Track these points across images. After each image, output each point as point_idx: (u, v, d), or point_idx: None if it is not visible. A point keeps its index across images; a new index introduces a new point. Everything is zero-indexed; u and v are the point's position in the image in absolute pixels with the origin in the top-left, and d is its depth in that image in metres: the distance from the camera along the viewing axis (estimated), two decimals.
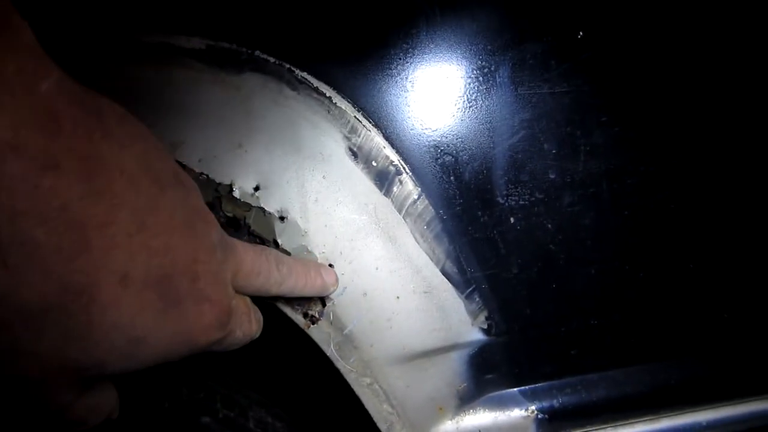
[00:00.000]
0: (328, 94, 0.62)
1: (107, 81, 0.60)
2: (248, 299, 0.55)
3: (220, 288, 0.48)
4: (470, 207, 0.66)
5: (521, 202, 0.66)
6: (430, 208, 0.65)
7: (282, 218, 0.63)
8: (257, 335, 0.57)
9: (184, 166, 0.61)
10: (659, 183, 0.68)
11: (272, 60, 0.61)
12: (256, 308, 0.58)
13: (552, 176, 0.66)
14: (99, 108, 0.39)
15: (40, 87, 0.34)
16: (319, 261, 0.64)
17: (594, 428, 0.79)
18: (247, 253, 0.53)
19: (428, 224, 0.66)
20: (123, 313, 0.39)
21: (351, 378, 0.69)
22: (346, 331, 0.67)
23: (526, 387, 0.77)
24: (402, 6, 0.61)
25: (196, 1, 0.60)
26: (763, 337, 0.80)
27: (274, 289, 0.57)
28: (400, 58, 0.62)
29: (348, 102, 0.62)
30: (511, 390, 0.77)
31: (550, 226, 0.68)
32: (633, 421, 0.79)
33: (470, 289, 0.68)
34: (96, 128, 0.37)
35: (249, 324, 0.55)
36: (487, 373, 0.75)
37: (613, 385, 0.78)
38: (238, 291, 0.53)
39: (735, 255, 0.74)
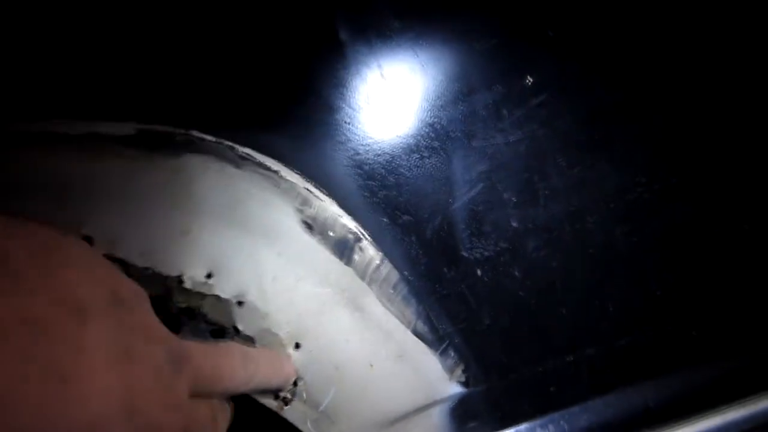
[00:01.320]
0: (274, 168, 0.58)
1: (28, 178, 0.55)
2: (210, 402, 0.52)
3: (172, 412, 0.44)
4: (435, 265, 0.64)
5: (486, 254, 0.64)
6: (395, 271, 0.63)
7: (240, 303, 0.59)
8: (226, 429, 0.54)
9: (126, 264, 0.57)
10: (620, 217, 0.67)
11: (210, 138, 0.57)
12: (224, 403, 0.55)
13: (514, 224, 0.65)
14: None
15: None
16: (284, 341, 0.61)
17: None
18: (206, 359, 0.50)
19: (394, 287, 0.63)
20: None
21: None
22: (321, 408, 0.64)
23: (510, 429, 0.76)
24: (343, 69, 0.58)
25: (121, 85, 0.56)
26: (734, 347, 0.81)
27: (242, 389, 0.53)
28: (346, 122, 0.59)
29: (297, 173, 0.59)
30: None
31: (517, 273, 0.66)
32: None
33: (444, 345, 0.66)
34: None
35: (215, 428, 0.51)
36: (469, 422, 0.74)
37: (595, 413, 0.78)
38: (201, 397, 0.49)
39: (703, 281, 0.75)
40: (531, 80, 0.62)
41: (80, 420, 0.36)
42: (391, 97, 0.59)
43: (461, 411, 0.72)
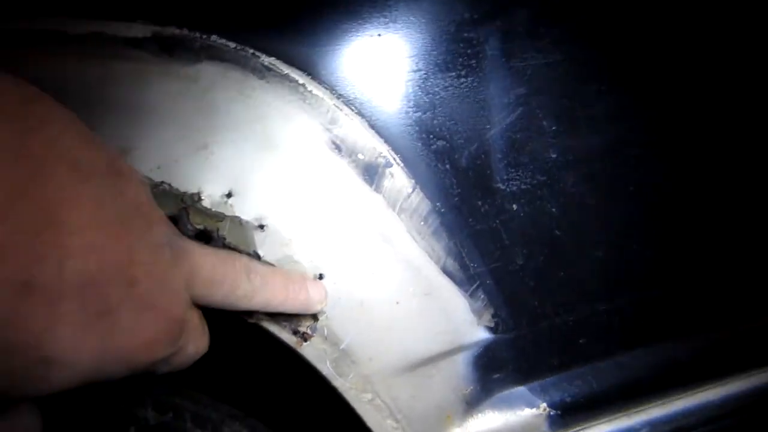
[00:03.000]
0: (301, 81, 0.54)
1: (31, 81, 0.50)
2: (200, 312, 0.48)
3: (168, 295, 0.41)
4: (469, 196, 0.59)
5: (523, 187, 0.60)
6: (426, 201, 0.58)
7: (261, 226, 0.55)
8: (205, 351, 0.49)
9: None
10: (666, 153, 0.63)
11: (232, 45, 0.53)
12: (205, 326, 0.50)
13: (553, 155, 0.60)
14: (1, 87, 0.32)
15: None
16: (307, 270, 0.56)
17: (606, 419, 0.74)
18: (205, 258, 0.46)
19: (425, 219, 0.59)
20: (25, 329, 0.32)
21: (351, 395, 0.62)
22: (342, 346, 0.60)
23: (535, 383, 0.72)
24: None
25: None
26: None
27: (243, 303, 0.49)
28: (379, 35, 0.55)
29: (325, 88, 0.55)
30: (520, 388, 0.72)
31: (554, 209, 0.62)
32: (646, 406, 0.75)
33: (474, 286, 0.62)
34: None
35: (202, 338, 0.47)
36: (494, 373, 0.69)
37: (624, 370, 0.74)
38: (195, 302, 0.46)
39: (745, 230, 0.71)
40: None
41: (77, 272, 0.33)
42: (427, 8, 0.55)
43: (486, 360, 0.68)
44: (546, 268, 0.64)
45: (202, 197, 0.53)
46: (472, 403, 0.70)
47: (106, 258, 0.35)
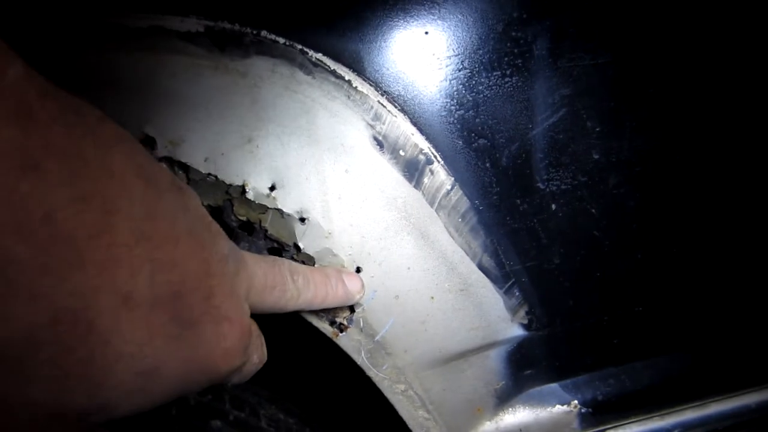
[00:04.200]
0: (347, 78, 0.55)
1: (87, 73, 0.52)
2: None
3: (237, 305, 0.42)
4: (508, 195, 0.59)
5: (563, 187, 0.60)
6: (465, 198, 0.59)
7: (302, 219, 0.56)
8: (265, 360, 0.51)
9: (188, 167, 0.54)
10: (709, 159, 0.62)
11: (281, 41, 0.53)
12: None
13: (596, 156, 0.60)
14: (76, 104, 0.32)
15: (5, 75, 0.27)
16: (345, 264, 0.58)
17: (639, 419, 0.74)
18: (258, 266, 0.47)
19: (463, 216, 0.59)
20: (129, 341, 0.33)
21: (384, 386, 0.64)
22: (377, 338, 0.61)
23: (567, 380, 0.72)
24: None
25: None
26: None
27: (291, 304, 0.50)
28: (426, 33, 0.55)
29: (370, 85, 0.55)
30: (552, 385, 0.72)
31: (594, 210, 0.62)
32: (679, 408, 0.75)
33: (509, 283, 0.63)
34: (76, 123, 0.31)
35: (263, 347, 0.49)
36: (526, 369, 0.70)
37: (658, 371, 0.74)
38: (251, 309, 0.47)
39: None
40: None
41: (166, 284, 0.34)
42: (475, 6, 0.55)
43: (519, 356, 0.69)
44: (583, 268, 0.64)
45: (247, 189, 0.55)
46: (503, 398, 0.71)
47: (187, 271, 0.36)
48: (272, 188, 0.55)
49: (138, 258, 0.33)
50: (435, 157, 0.57)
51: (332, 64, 0.54)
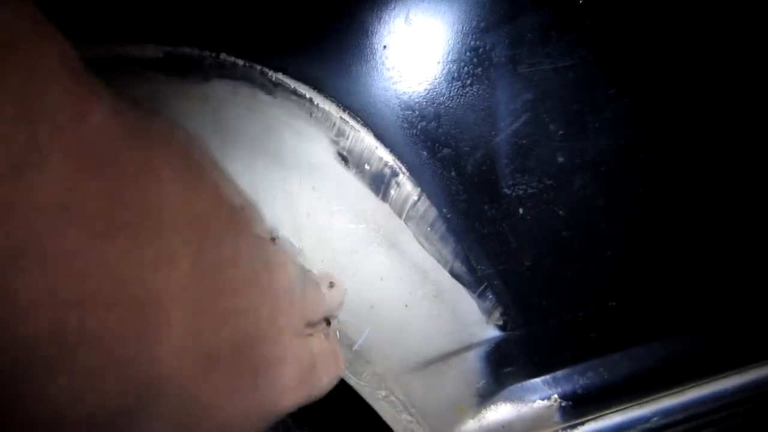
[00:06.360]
0: (308, 95, 0.55)
1: None
2: (332, 331, 0.49)
3: (301, 340, 0.41)
4: (475, 202, 0.60)
5: (529, 191, 0.61)
6: (433, 208, 0.60)
7: (273, 239, 0.57)
8: (342, 372, 0.51)
9: None
10: (673, 155, 0.63)
11: (241, 63, 0.54)
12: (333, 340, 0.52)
13: (560, 159, 0.61)
14: (162, 134, 0.31)
15: (91, 119, 0.25)
16: (318, 279, 0.59)
17: (619, 408, 0.76)
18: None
19: (432, 225, 0.60)
20: (212, 401, 0.32)
21: (366, 392, 0.65)
22: (355, 347, 0.62)
23: (547, 376, 0.74)
24: None
25: (143, 4, 0.52)
26: None
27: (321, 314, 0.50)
28: (383, 46, 0.55)
29: (331, 102, 0.56)
30: (532, 380, 0.74)
31: (561, 212, 0.63)
32: (658, 395, 0.76)
33: (482, 287, 0.64)
34: (161, 166, 0.29)
35: (336, 364, 0.49)
36: (506, 367, 0.71)
37: (636, 361, 0.75)
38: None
39: (754, 227, 0.70)
40: (582, 0, 0.57)
41: (241, 333, 0.33)
42: (432, 19, 0.55)
43: (497, 355, 0.70)
44: (554, 268, 0.65)
45: None
46: (485, 396, 0.73)
47: (260, 316, 0.35)
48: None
49: (217, 312, 0.31)
50: (400, 169, 0.58)
51: (292, 83, 0.55)
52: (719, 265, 0.71)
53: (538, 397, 0.75)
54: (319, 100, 0.55)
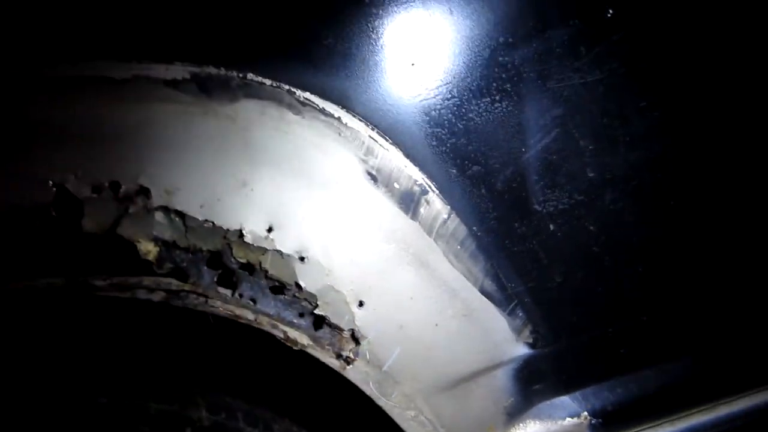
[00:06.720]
0: (336, 115, 0.55)
1: (78, 128, 0.52)
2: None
3: None
4: (505, 219, 0.59)
5: (560, 207, 0.60)
6: (463, 226, 0.59)
7: (302, 258, 0.56)
8: None
9: (184, 215, 0.54)
10: (706, 169, 0.62)
11: (269, 82, 0.53)
12: None
13: (591, 174, 0.60)
14: None
15: None
16: (347, 299, 0.58)
17: (650, 425, 0.75)
18: None
19: (462, 243, 0.59)
20: None
21: (394, 413, 0.64)
22: (384, 368, 0.61)
23: (576, 392, 0.72)
24: (407, 3, 0.53)
25: (169, 22, 0.52)
26: None
27: None
28: (412, 65, 0.55)
29: (360, 121, 0.55)
30: (561, 397, 0.72)
31: (592, 227, 0.62)
32: (689, 412, 0.75)
33: (513, 304, 0.63)
34: None
35: None
36: (535, 384, 0.70)
37: (667, 377, 0.74)
38: None
39: None
40: (612, 12, 0.56)
41: None
42: (460, 35, 0.54)
43: (526, 373, 0.69)
44: (585, 284, 0.64)
45: (244, 233, 0.55)
46: (513, 414, 0.71)
47: None
48: (270, 230, 0.55)
49: None
50: (430, 187, 0.57)
51: (321, 103, 0.54)
52: (755, 280, 0.70)
53: (567, 414, 0.73)
54: (348, 119, 0.55)
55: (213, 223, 0.54)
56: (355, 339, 0.60)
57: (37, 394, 0.60)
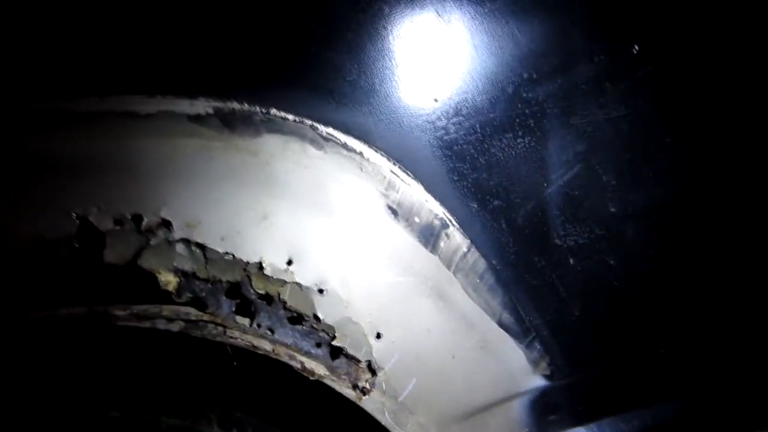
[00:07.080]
0: (358, 149, 0.54)
1: (102, 161, 0.52)
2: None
3: None
4: (525, 253, 0.59)
5: (581, 241, 0.60)
6: (482, 259, 0.58)
7: (321, 291, 0.56)
8: None
9: (205, 247, 0.54)
10: (729, 206, 0.61)
11: (291, 118, 0.53)
12: None
13: (613, 209, 0.59)
14: None
15: None
16: (365, 331, 0.58)
17: None
18: None
19: (481, 277, 0.59)
20: None
21: None
22: (401, 399, 0.61)
23: (592, 423, 0.72)
24: (430, 40, 0.53)
25: (193, 59, 0.52)
26: None
27: None
28: (435, 100, 0.54)
29: (381, 155, 0.55)
30: (576, 429, 0.72)
31: (612, 262, 0.61)
32: None
33: (530, 337, 0.62)
34: None
35: None
36: (550, 415, 0.70)
37: (683, 411, 0.73)
38: None
39: None
40: (638, 48, 0.55)
41: None
42: (483, 72, 0.54)
43: (542, 404, 0.69)
44: (603, 318, 0.64)
45: (264, 266, 0.55)
46: None
47: None
48: (290, 262, 0.55)
49: None
50: (450, 221, 0.57)
51: (343, 137, 0.54)
52: None
53: None
54: (370, 154, 0.55)
55: (233, 255, 0.54)
56: (372, 370, 0.60)
57: (53, 409, 0.60)
